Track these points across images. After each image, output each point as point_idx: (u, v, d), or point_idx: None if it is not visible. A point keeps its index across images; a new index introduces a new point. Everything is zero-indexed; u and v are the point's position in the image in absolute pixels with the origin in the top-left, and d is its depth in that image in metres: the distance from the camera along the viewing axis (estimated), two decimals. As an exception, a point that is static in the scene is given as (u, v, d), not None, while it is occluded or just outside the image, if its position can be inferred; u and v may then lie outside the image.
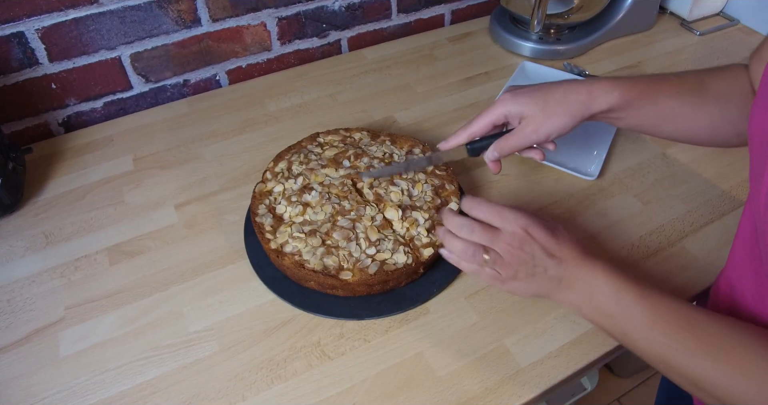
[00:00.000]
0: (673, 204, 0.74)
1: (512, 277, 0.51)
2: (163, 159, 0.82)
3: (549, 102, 0.56)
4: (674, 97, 0.56)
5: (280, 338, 0.60)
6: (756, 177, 0.44)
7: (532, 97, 0.57)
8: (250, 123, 0.88)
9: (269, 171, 0.70)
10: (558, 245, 0.51)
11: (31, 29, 0.78)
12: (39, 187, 0.78)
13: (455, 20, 1.14)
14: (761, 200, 0.42)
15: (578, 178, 0.77)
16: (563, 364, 0.57)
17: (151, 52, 0.88)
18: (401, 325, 0.61)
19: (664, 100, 0.56)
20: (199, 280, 0.65)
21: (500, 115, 0.58)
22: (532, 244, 0.50)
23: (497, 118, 0.59)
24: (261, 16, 0.93)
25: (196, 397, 0.55)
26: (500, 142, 0.59)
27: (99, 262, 0.68)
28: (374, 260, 0.60)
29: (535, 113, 0.56)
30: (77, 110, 0.89)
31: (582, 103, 0.56)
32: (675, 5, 1.11)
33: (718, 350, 0.43)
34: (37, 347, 0.59)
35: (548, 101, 0.56)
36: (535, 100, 0.57)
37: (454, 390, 0.55)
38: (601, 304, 0.49)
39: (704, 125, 0.57)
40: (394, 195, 0.65)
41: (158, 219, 0.73)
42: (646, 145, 0.83)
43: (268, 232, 0.63)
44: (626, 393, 1.48)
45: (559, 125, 0.57)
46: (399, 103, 0.92)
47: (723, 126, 0.57)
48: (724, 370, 0.42)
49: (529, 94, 0.57)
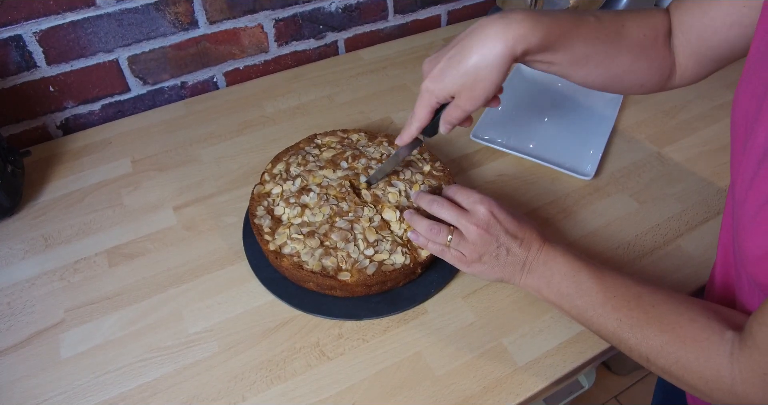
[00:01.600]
0: (669, 203, 0.75)
1: (477, 259, 0.56)
2: (161, 161, 0.82)
3: (468, 72, 0.52)
4: (591, 43, 0.53)
5: (279, 339, 0.60)
6: (736, 164, 0.44)
7: (448, 74, 0.53)
8: (248, 125, 0.89)
9: (267, 172, 0.70)
10: (521, 229, 0.56)
11: (28, 32, 0.78)
12: (38, 189, 0.78)
13: (451, 21, 1.14)
14: (737, 187, 0.42)
15: (574, 177, 0.77)
16: (560, 363, 0.58)
17: (148, 54, 0.89)
18: (399, 325, 0.61)
19: (580, 45, 0.53)
20: (198, 282, 0.66)
21: (432, 103, 0.56)
22: (497, 226, 0.55)
23: (432, 106, 0.57)
24: (258, 17, 0.94)
25: (197, 398, 0.55)
26: (445, 117, 0.57)
27: (98, 264, 0.68)
28: (372, 261, 0.60)
29: (460, 88, 0.53)
30: (75, 113, 0.89)
31: (500, 56, 0.50)
32: (670, 5, 1.12)
33: (662, 321, 0.47)
34: (37, 349, 0.60)
35: (466, 72, 0.52)
36: (453, 76, 0.53)
37: (452, 389, 0.56)
38: (561, 285, 0.54)
39: (614, 73, 0.56)
40: (392, 196, 0.66)
41: (157, 221, 0.73)
42: (642, 144, 0.84)
43: (266, 233, 0.63)
44: (624, 390, 1.48)
45: (489, 86, 0.52)
46: (396, 104, 0.92)
47: (629, 75, 0.56)
48: (668, 339, 0.46)
49: (444, 72, 0.53)
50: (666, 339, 0.46)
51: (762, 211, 0.38)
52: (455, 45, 0.52)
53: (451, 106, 0.56)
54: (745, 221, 0.40)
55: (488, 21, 0.50)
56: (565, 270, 0.54)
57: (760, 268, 0.39)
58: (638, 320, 0.48)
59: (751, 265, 0.40)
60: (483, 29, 0.50)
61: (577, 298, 0.52)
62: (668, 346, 0.46)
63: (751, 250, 0.39)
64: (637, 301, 0.49)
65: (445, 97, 0.55)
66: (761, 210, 0.38)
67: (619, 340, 0.50)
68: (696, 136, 0.85)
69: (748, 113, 0.43)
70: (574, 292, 0.52)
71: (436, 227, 0.57)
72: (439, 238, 0.57)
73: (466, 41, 0.51)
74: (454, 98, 0.55)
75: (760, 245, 0.38)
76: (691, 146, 0.83)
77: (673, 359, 0.45)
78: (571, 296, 0.53)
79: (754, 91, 0.42)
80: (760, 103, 0.41)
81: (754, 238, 0.39)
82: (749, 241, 0.39)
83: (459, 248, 0.56)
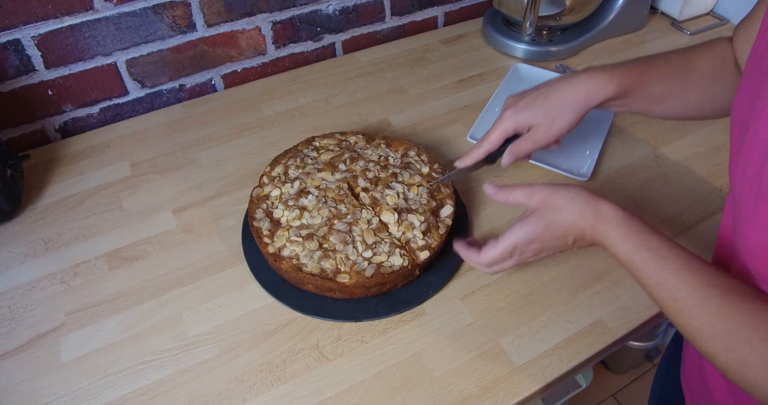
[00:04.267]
0: (665, 203, 0.75)
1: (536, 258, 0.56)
2: (159, 164, 0.83)
3: (550, 109, 0.61)
4: (663, 83, 0.60)
5: (279, 341, 0.61)
6: (734, 161, 0.45)
7: (532, 108, 0.61)
8: (246, 127, 0.89)
9: (266, 175, 0.71)
10: (566, 243, 0.54)
11: (27, 36, 0.78)
12: (37, 193, 0.78)
13: (448, 22, 1.15)
14: (736, 183, 0.43)
15: (571, 179, 0.78)
16: (557, 363, 0.58)
17: (146, 57, 0.89)
18: (398, 327, 0.62)
19: (654, 85, 0.60)
20: (198, 285, 0.66)
21: (509, 129, 0.63)
22: (545, 246, 0.54)
23: (507, 133, 0.64)
24: (255, 20, 0.94)
25: (197, 400, 0.56)
26: (514, 148, 0.64)
27: (98, 267, 0.68)
28: (371, 263, 0.61)
29: (540, 121, 0.61)
30: (74, 116, 0.89)
31: (581, 102, 0.60)
32: (665, 5, 1.13)
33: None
34: (38, 353, 0.60)
35: (549, 108, 0.61)
36: (536, 111, 0.61)
37: (450, 389, 0.56)
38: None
39: (692, 104, 0.61)
40: (390, 198, 0.66)
41: (156, 224, 0.74)
42: (638, 145, 0.84)
43: (265, 236, 0.63)
44: (621, 389, 1.49)
45: (565, 126, 0.62)
46: (393, 106, 0.93)
47: (708, 103, 0.61)
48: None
49: (529, 106, 0.62)
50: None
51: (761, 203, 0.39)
52: (542, 87, 0.63)
53: (524, 139, 0.63)
54: (747, 214, 0.41)
55: (573, 74, 0.61)
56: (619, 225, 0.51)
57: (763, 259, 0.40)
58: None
59: (751, 256, 0.41)
60: (568, 79, 0.61)
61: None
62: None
63: (753, 242, 0.40)
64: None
65: (523, 127, 0.62)
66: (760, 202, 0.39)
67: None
68: (691, 137, 0.85)
69: (743, 113, 0.44)
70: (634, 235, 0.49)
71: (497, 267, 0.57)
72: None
73: (552, 86, 0.62)
74: (529, 131, 0.62)
75: (762, 238, 0.40)
76: (686, 147, 0.83)
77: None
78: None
79: (749, 91, 0.43)
80: (754, 103, 0.42)
81: (756, 230, 0.40)
82: (751, 233, 0.40)
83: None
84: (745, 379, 0.40)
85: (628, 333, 0.61)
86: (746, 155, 0.42)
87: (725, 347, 0.41)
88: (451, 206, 0.67)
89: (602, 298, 0.64)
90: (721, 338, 0.41)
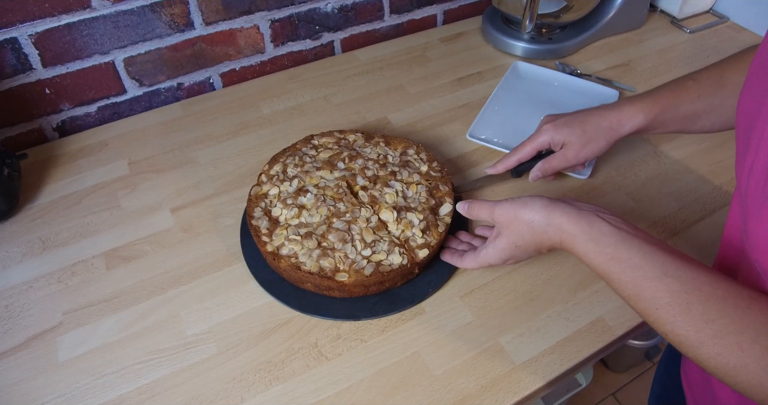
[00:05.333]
0: (665, 201, 0.75)
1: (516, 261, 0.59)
2: (158, 163, 0.82)
3: (586, 130, 0.66)
4: (695, 102, 0.62)
5: (277, 340, 0.60)
6: (740, 161, 0.45)
7: (570, 126, 0.66)
8: (245, 126, 0.89)
9: (264, 174, 0.70)
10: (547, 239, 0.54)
11: (24, 35, 0.78)
12: (34, 192, 0.78)
13: (447, 20, 1.14)
14: (743, 181, 0.43)
15: (571, 177, 0.78)
16: (557, 361, 0.58)
17: (144, 56, 0.89)
18: (397, 325, 0.62)
19: (686, 107, 0.63)
20: (196, 284, 0.66)
21: (545, 142, 0.68)
22: (522, 259, 0.57)
23: (542, 146, 0.69)
24: (254, 18, 0.94)
25: (195, 399, 0.56)
26: (545, 163, 0.69)
27: (96, 266, 0.68)
28: (370, 261, 0.60)
29: (575, 140, 0.66)
30: (71, 115, 0.89)
31: (613, 129, 0.65)
32: (665, 3, 1.12)
33: None
34: (35, 352, 0.60)
35: (585, 130, 0.66)
36: (574, 129, 0.66)
37: (450, 388, 0.56)
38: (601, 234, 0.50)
39: (728, 117, 0.62)
40: (389, 197, 0.66)
41: (154, 223, 0.73)
42: (638, 143, 0.84)
43: (264, 234, 0.63)
44: (621, 388, 1.49)
45: (596, 150, 0.67)
46: (392, 105, 0.92)
47: None
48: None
49: (568, 124, 0.67)
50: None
51: None
52: (581, 111, 0.68)
53: (555, 156, 0.68)
54: (754, 212, 0.40)
55: (613, 102, 0.67)
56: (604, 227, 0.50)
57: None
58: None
59: (760, 254, 0.40)
60: (607, 106, 0.67)
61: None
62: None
63: (761, 239, 0.40)
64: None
65: (557, 143, 0.68)
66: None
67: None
68: (692, 135, 0.85)
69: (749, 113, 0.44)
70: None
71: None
72: None
73: (591, 111, 0.67)
74: (562, 148, 0.67)
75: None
76: (687, 145, 0.83)
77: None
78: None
79: (756, 91, 0.43)
80: (761, 103, 0.42)
81: (765, 227, 0.39)
82: (759, 230, 0.40)
83: None
84: (738, 381, 0.40)
85: (628, 331, 0.61)
86: (753, 155, 0.42)
87: (714, 352, 0.40)
88: (450, 204, 0.67)
89: (602, 297, 0.64)
90: (709, 344, 0.41)
